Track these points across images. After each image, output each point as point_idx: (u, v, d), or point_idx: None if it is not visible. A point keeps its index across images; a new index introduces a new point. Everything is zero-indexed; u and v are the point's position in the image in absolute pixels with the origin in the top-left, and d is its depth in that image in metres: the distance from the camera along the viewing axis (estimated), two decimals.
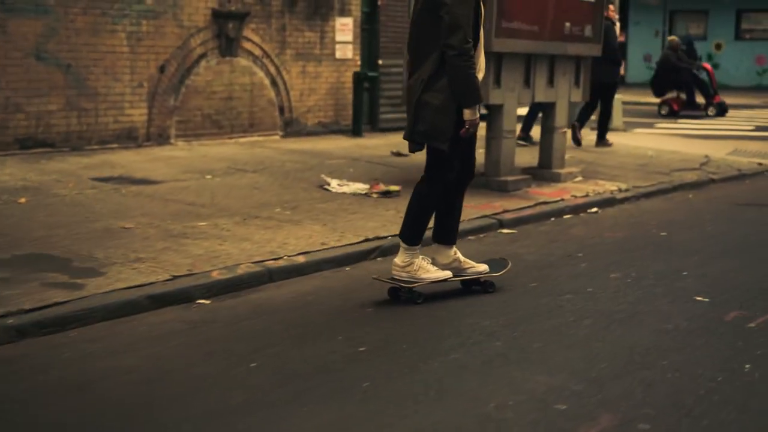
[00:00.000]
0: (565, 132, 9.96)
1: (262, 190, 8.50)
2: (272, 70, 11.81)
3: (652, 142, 14.36)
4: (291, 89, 12.08)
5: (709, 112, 20.28)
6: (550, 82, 9.57)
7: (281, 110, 12.01)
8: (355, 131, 12.65)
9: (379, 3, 13.06)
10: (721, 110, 20.48)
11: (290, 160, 10.17)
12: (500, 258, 6.02)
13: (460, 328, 4.89)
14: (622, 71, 35.17)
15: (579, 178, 9.94)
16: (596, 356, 4.41)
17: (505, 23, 8.64)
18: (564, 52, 9.52)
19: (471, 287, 5.66)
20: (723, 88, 31.25)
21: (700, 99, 20.36)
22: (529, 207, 8.42)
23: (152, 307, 5.14)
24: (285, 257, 6.12)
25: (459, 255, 5.61)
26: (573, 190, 9.31)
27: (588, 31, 9.82)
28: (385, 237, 6.88)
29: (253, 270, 5.81)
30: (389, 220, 7.38)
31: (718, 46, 31.92)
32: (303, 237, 6.71)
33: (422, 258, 5.47)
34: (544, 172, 9.79)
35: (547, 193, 9.07)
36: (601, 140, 13.55)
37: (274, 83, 11.85)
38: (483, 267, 5.65)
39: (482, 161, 9.15)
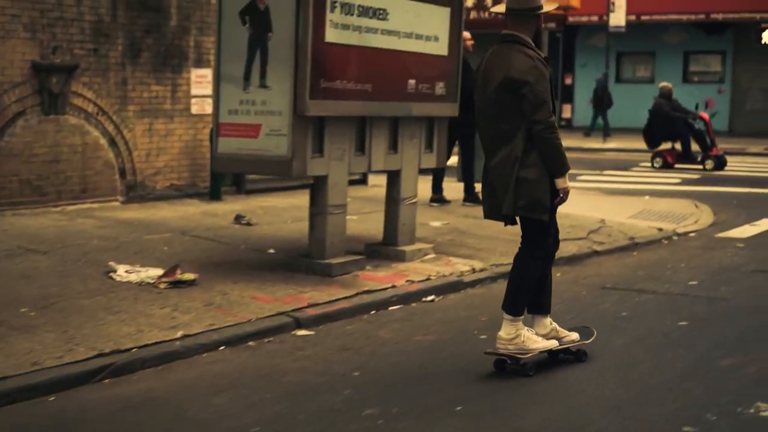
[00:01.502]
0: (414, 203, 8.74)
1: (31, 279, 7.22)
2: (110, 128, 10.56)
3: (571, 199, 13.18)
4: (135, 149, 10.83)
5: (707, 166, 18.77)
6: (394, 147, 8.38)
7: (122, 173, 10.75)
8: (213, 195, 11.41)
9: None
10: (720, 163, 18.88)
11: (102, 236, 8.89)
12: (584, 326, 6.13)
13: None
14: (568, 113, 33.70)
15: (430, 256, 8.70)
16: None
17: (325, 83, 7.44)
18: (408, 113, 8.33)
19: (558, 356, 5.78)
20: None
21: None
22: (346, 298, 7.16)
23: None
24: None
25: (555, 324, 5.83)
26: (414, 272, 8.06)
27: (440, 88, 8.64)
28: (129, 350, 5.62)
29: None
30: (154, 323, 6.12)
31: None
32: (18, 353, 5.43)
33: (527, 329, 5.63)
34: (387, 249, 8.55)
35: (379, 277, 7.82)
36: (470, 196, 12.25)
37: (112, 143, 10.60)
38: (575, 335, 5.86)
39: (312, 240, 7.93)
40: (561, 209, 5.97)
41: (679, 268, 9.08)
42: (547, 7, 5.81)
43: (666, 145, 19.40)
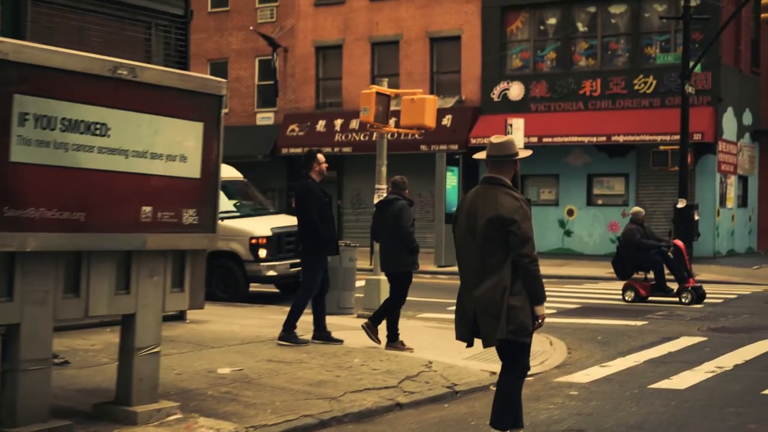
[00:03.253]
0: (155, 352, 7.29)
1: None
2: None
3: (417, 336, 11.86)
4: None
5: (683, 299, 16.97)
6: (126, 286, 6.99)
7: None
8: None
9: None
10: (698, 296, 17.07)
11: None
12: None
13: None
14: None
15: (174, 417, 7.19)
16: None
17: (10, 211, 6.09)
18: (141, 246, 6.97)
19: None
20: (576, 256, 29.48)
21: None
22: None
23: None
24: None
25: None
26: None
27: (190, 217, 7.33)
28: None
29: None
30: None
31: (570, 212, 30.25)
32: None
33: None
34: (118, 410, 7.06)
35: None
36: (321, 332, 11.06)
37: None
38: None
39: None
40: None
41: (481, 426, 7.70)
42: (523, 154, 6.62)
43: (638, 275, 17.59)
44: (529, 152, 7.03)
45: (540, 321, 6.34)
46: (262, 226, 17.07)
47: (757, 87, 31.82)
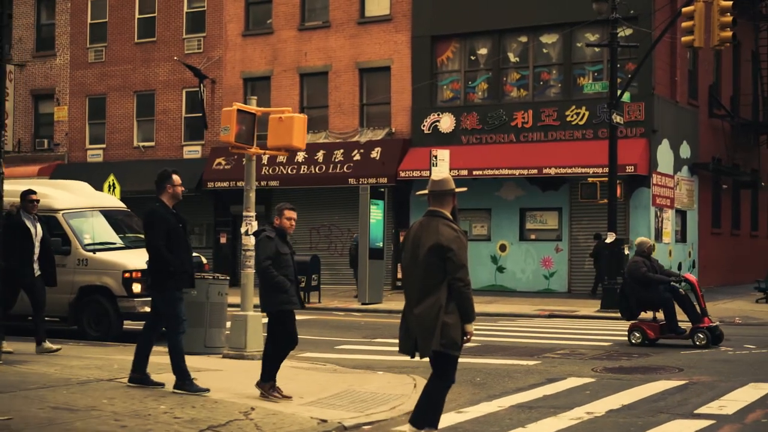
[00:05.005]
0: None
1: None
2: None
3: (280, 379, 10.54)
4: None
5: (697, 341, 14.85)
6: None
7: None
8: None
9: None
10: (714, 337, 14.99)
11: None
12: None
13: None
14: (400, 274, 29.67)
15: None
16: None
17: None
18: None
19: None
20: (509, 293, 28.28)
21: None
22: None
23: None
24: None
25: None
26: None
27: None
28: None
29: None
30: None
31: (503, 248, 29.11)
32: None
33: None
34: None
35: None
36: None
37: None
38: None
39: None
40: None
41: None
42: (459, 190, 7.52)
43: (646, 315, 15.74)
44: (464, 189, 8.00)
45: (468, 337, 7.28)
46: (138, 258, 15.70)
47: (696, 119, 30.96)
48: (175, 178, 10.03)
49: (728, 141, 32.99)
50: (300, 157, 30.93)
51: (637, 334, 15.40)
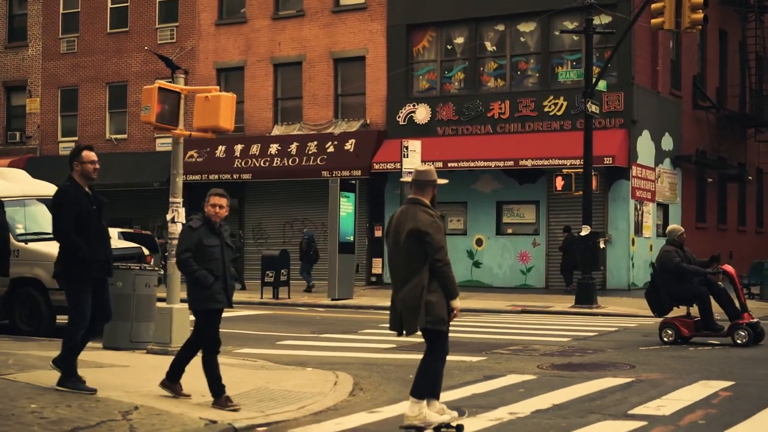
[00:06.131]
0: None
1: None
2: None
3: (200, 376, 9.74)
4: None
5: (738, 339, 13.64)
6: None
7: None
8: None
9: None
10: (756, 334, 13.73)
11: None
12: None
13: None
14: (379, 269, 29.34)
15: None
16: None
17: None
18: None
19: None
20: (485, 289, 27.47)
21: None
22: None
23: None
24: None
25: (443, 405, 7.84)
26: None
27: None
28: None
29: None
30: None
31: (479, 242, 28.30)
32: None
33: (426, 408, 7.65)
34: None
35: None
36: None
37: None
38: (455, 413, 7.94)
39: None
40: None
41: None
42: (440, 181, 7.93)
43: (678, 311, 14.45)
44: (445, 180, 8.24)
45: (455, 312, 7.64)
46: None
47: (679, 111, 30.09)
48: (86, 154, 9.15)
49: (713, 133, 32.12)
50: (273, 149, 30.17)
51: (670, 332, 14.10)
